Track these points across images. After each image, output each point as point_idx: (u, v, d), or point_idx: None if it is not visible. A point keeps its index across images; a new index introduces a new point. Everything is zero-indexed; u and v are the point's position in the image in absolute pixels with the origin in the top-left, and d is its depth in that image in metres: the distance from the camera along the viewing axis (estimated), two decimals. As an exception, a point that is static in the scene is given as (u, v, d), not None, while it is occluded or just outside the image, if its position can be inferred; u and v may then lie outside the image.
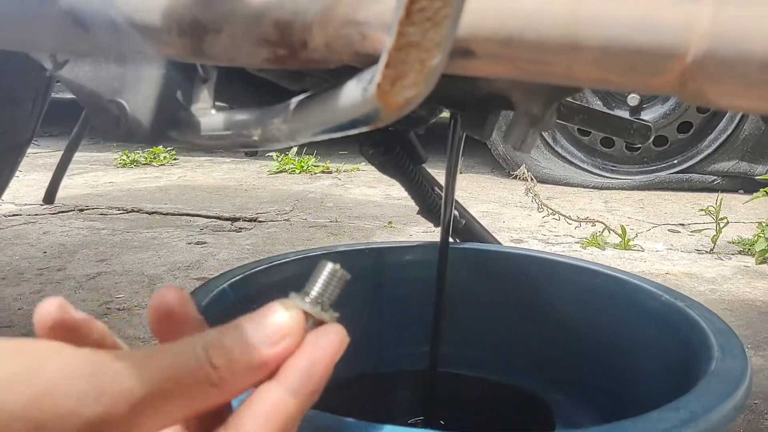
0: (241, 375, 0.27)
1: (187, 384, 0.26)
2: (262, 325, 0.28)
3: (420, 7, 0.25)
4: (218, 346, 0.27)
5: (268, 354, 0.28)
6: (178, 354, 0.26)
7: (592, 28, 0.29)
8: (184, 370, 0.26)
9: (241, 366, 0.27)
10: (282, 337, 0.28)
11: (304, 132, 0.42)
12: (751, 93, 0.28)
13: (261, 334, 0.28)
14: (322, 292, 0.31)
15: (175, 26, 0.36)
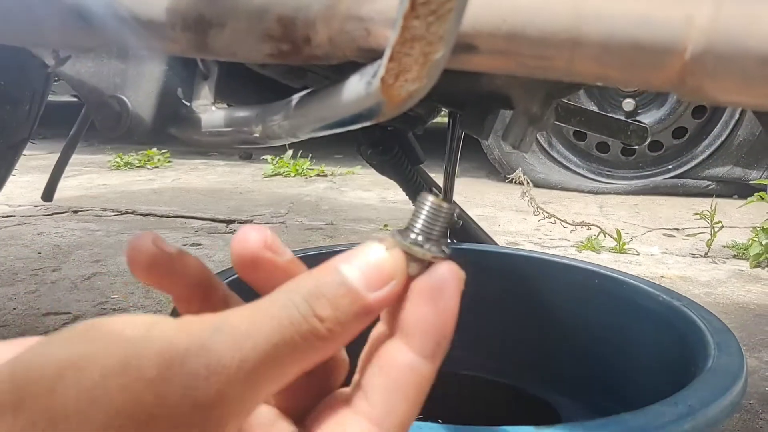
0: (348, 325, 0.25)
1: (296, 343, 0.24)
2: (363, 268, 0.25)
3: (424, 1, 0.26)
4: (320, 296, 0.24)
5: (374, 300, 0.25)
6: (280, 313, 0.24)
7: (593, 24, 0.30)
8: (290, 330, 0.24)
9: (348, 315, 0.25)
10: (386, 280, 0.26)
11: (305, 128, 0.42)
12: (750, 89, 0.28)
13: (364, 278, 0.25)
14: (427, 228, 0.28)
15: (179, 21, 0.37)
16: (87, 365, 0.22)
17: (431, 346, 0.25)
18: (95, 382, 0.21)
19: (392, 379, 0.25)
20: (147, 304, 1.21)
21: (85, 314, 1.16)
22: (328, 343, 0.24)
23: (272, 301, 0.24)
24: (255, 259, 0.27)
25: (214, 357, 0.22)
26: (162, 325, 0.23)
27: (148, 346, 0.22)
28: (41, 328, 1.10)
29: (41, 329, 1.10)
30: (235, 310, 0.24)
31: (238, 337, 0.23)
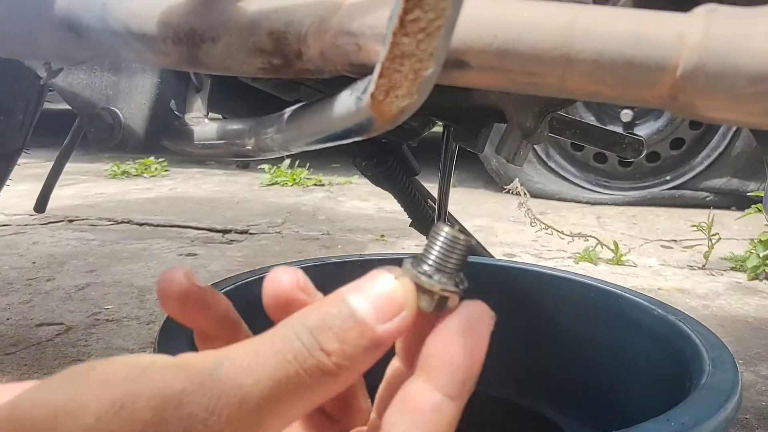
0: (357, 359, 0.23)
1: (301, 379, 0.23)
2: (371, 298, 0.24)
3: (414, 18, 0.26)
4: (326, 329, 0.23)
5: (384, 332, 0.24)
6: (284, 346, 0.23)
7: (585, 41, 0.29)
8: (294, 365, 0.23)
9: (357, 349, 0.23)
10: (396, 311, 0.25)
11: (297, 141, 0.42)
12: (740, 106, 0.28)
13: (373, 310, 0.24)
14: (441, 260, 0.26)
15: (171, 35, 0.36)
16: (81, 409, 0.21)
17: (458, 386, 0.24)
18: (89, 426, 0.21)
19: (416, 420, 0.24)
20: (140, 315, 1.21)
21: (79, 325, 1.16)
22: (336, 379, 0.23)
23: (276, 334, 0.23)
24: (288, 301, 0.26)
25: (214, 396, 0.21)
26: (160, 363, 0.22)
27: (143, 388, 0.21)
28: (34, 339, 1.09)
29: (34, 340, 1.09)
30: (238, 344, 0.23)
31: (240, 374, 0.22)
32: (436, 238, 0.26)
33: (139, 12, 0.37)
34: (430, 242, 0.27)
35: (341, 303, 0.24)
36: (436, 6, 0.25)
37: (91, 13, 0.39)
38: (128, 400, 0.21)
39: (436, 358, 0.24)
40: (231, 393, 0.21)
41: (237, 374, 0.22)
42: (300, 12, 0.34)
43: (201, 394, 0.21)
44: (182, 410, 0.21)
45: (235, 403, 0.21)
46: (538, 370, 0.75)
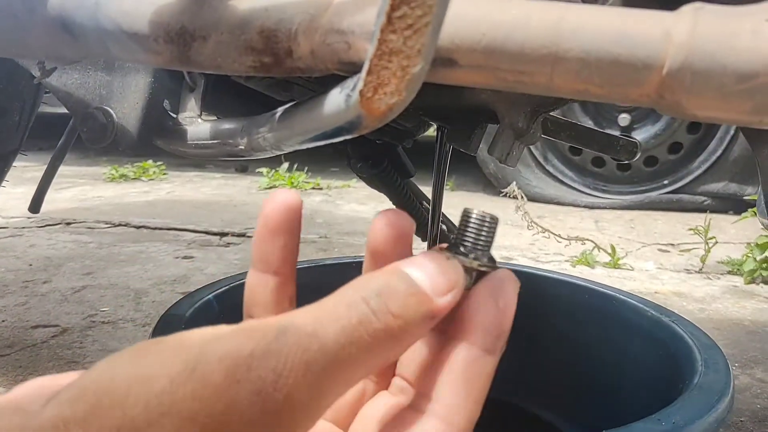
0: (417, 327, 0.24)
1: (365, 343, 0.23)
2: (430, 273, 0.26)
3: (401, 14, 0.26)
4: (393, 293, 0.24)
5: (441, 304, 0.25)
6: (348, 312, 0.23)
7: (572, 40, 0.30)
8: (359, 329, 0.23)
9: (416, 317, 0.24)
10: (451, 287, 0.26)
11: (289, 140, 0.42)
12: (727, 104, 0.28)
13: (431, 283, 0.25)
14: (475, 241, 0.29)
15: (162, 33, 0.37)
16: (155, 375, 0.21)
17: (492, 341, 0.26)
18: (164, 390, 0.21)
19: (458, 374, 0.26)
20: (136, 318, 1.21)
21: (74, 327, 1.15)
22: (399, 343, 0.24)
23: (339, 299, 0.24)
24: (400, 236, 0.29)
25: (281, 360, 0.22)
26: (227, 329, 0.23)
27: (214, 351, 0.22)
28: (29, 341, 1.09)
29: (29, 342, 1.09)
30: (301, 310, 0.24)
31: (304, 339, 0.22)
32: (468, 220, 0.29)
33: (131, 11, 0.37)
34: (462, 225, 0.29)
35: (402, 273, 0.26)
36: (424, 3, 0.26)
37: (83, 11, 0.39)
38: (200, 362, 0.21)
39: (472, 319, 0.26)
40: (297, 357, 0.22)
41: (303, 338, 0.22)
42: (290, 10, 0.34)
43: (269, 358, 0.22)
44: (252, 372, 0.21)
45: (302, 367, 0.22)
46: (533, 370, 0.75)
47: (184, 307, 0.57)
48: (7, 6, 0.40)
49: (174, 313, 0.57)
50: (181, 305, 0.58)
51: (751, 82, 0.28)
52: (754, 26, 0.28)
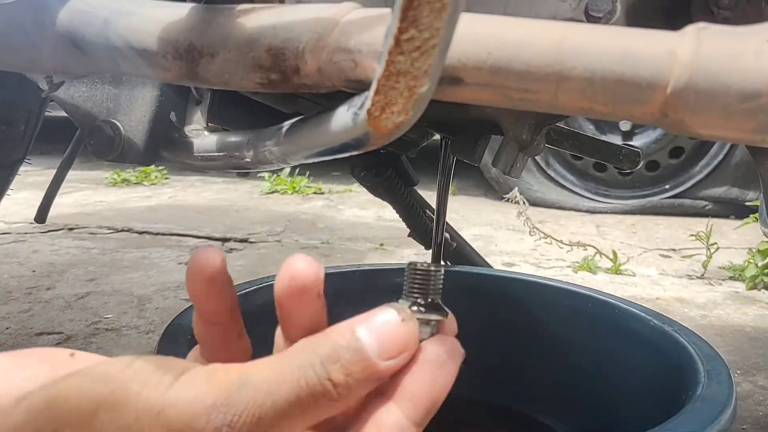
0: (357, 390, 0.27)
1: (308, 403, 0.26)
2: (379, 337, 0.27)
3: (409, 37, 0.26)
4: (335, 360, 0.26)
5: (385, 368, 0.27)
6: (299, 373, 0.26)
7: (577, 59, 0.30)
8: (305, 391, 0.25)
9: (359, 382, 0.26)
10: (400, 352, 0.27)
11: (295, 155, 0.42)
12: (731, 123, 0.29)
13: (379, 348, 0.27)
14: (426, 292, 0.30)
15: (171, 50, 0.37)
16: (122, 407, 0.24)
17: (422, 414, 0.28)
18: (128, 425, 0.24)
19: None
20: (140, 324, 1.21)
21: (78, 334, 1.16)
22: (336, 404, 0.26)
23: (291, 360, 0.26)
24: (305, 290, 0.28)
25: (237, 414, 0.24)
26: (193, 373, 0.26)
27: (179, 398, 0.24)
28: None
29: (34, 348, 1.09)
30: (257, 364, 0.26)
31: (260, 396, 0.25)
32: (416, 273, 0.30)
33: (140, 28, 0.38)
34: (411, 279, 0.30)
35: (351, 337, 0.27)
36: (431, 26, 0.26)
37: (92, 28, 0.39)
38: (166, 406, 0.24)
39: (407, 389, 0.28)
40: (252, 411, 0.25)
41: (258, 395, 0.25)
42: (298, 29, 0.34)
43: (226, 411, 0.24)
44: (210, 423, 0.24)
45: (255, 421, 0.25)
46: (536, 379, 0.75)
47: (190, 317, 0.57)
48: (18, 22, 0.40)
49: (179, 322, 0.57)
50: (186, 315, 0.58)
51: (754, 101, 0.28)
52: (757, 47, 0.28)
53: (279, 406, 0.25)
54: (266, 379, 0.25)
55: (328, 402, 0.26)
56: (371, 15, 0.34)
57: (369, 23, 0.34)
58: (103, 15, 0.39)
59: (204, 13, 0.37)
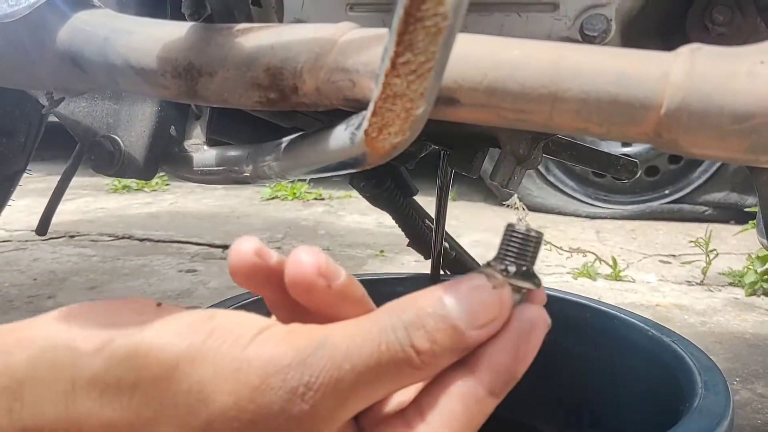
0: (443, 359, 0.25)
1: (390, 369, 0.25)
2: (468, 304, 0.26)
3: (405, 61, 0.27)
4: (419, 327, 0.25)
5: (474, 338, 0.26)
6: (379, 337, 0.25)
7: (572, 80, 0.30)
8: (386, 356, 0.24)
9: (445, 351, 0.25)
10: (490, 321, 0.26)
11: (294, 171, 0.43)
12: (724, 144, 0.29)
13: (468, 316, 0.25)
14: (522, 258, 0.28)
15: (170, 69, 0.37)
16: (201, 362, 0.24)
17: (501, 386, 0.26)
18: (207, 379, 0.24)
19: (455, 405, 0.26)
20: (141, 332, 1.21)
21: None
22: (420, 372, 0.25)
23: (373, 323, 0.25)
24: (308, 287, 0.27)
25: (314, 375, 0.24)
26: (272, 331, 0.25)
27: (257, 355, 0.24)
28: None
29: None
30: (338, 326, 0.26)
31: (338, 357, 0.24)
32: (512, 236, 0.28)
33: (140, 47, 0.38)
34: (506, 241, 0.29)
35: (437, 303, 0.26)
36: (426, 49, 0.26)
37: (92, 46, 0.40)
38: (244, 363, 0.24)
39: (487, 360, 0.26)
40: (329, 373, 0.24)
41: (336, 356, 0.24)
42: (296, 48, 0.35)
43: (303, 371, 0.24)
44: (286, 383, 0.24)
45: (332, 383, 0.24)
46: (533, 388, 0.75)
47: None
48: (18, 40, 0.41)
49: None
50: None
51: (747, 122, 0.28)
52: (750, 68, 0.29)
53: (358, 370, 0.24)
54: (345, 341, 0.25)
55: (410, 370, 0.25)
56: (369, 35, 0.35)
57: (366, 43, 0.34)
58: (102, 33, 0.39)
59: (203, 32, 0.38)
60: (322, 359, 0.24)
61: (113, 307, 0.27)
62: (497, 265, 0.28)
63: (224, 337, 0.25)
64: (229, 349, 0.24)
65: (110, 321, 0.26)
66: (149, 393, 0.24)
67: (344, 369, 0.24)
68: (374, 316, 0.26)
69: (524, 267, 0.28)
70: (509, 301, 0.27)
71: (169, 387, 0.24)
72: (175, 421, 0.24)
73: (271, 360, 0.24)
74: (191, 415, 0.24)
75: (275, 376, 0.24)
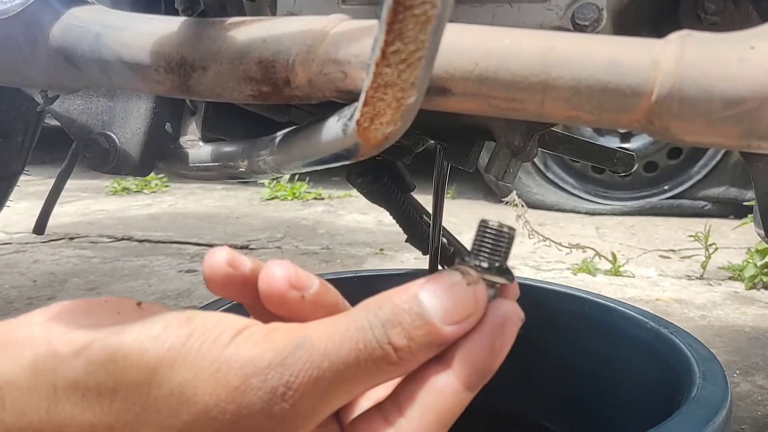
0: (420, 355, 0.26)
1: (368, 366, 0.25)
2: (443, 301, 0.26)
3: (395, 50, 0.27)
4: (396, 324, 0.25)
5: (450, 334, 0.26)
6: (357, 335, 0.25)
7: (563, 68, 0.30)
8: (364, 354, 0.25)
9: (421, 347, 0.26)
10: (466, 317, 0.26)
11: (288, 164, 0.43)
12: (715, 130, 0.29)
13: (443, 312, 0.26)
14: (495, 254, 0.28)
15: (163, 64, 0.37)
16: (181, 364, 0.24)
17: (477, 380, 0.27)
18: (187, 381, 0.24)
19: (432, 399, 0.26)
20: (141, 332, 1.21)
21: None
22: (397, 368, 0.26)
23: (350, 321, 0.26)
24: (282, 299, 0.28)
25: (293, 375, 0.24)
26: (251, 331, 0.26)
27: (237, 356, 0.24)
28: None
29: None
30: (316, 325, 0.26)
31: (317, 357, 0.25)
32: (485, 232, 0.29)
33: (132, 42, 0.38)
34: (479, 236, 0.29)
35: (413, 300, 0.26)
36: (416, 38, 0.26)
37: (84, 43, 0.40)
38: (224, 364, 0.24)
39: (465, 352, 0.27)
40: (309, 373, 0.24)
41: (315, 356, 0.25)
42: (287, 41, 0.35)
43: (283, 372, 0.24)
44: (266, 383, 0.24)
45: (312, 382, 0.24)
46: (533, 381, 0.75)
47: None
48: (11, 38, 0.41)
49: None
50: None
51: (738, 108, 0.28)
52: (740, 53, 0.29)
53: (336, 368, 0.25)
54: (324, 340, 0.25)
55: (388, 366, 0.25)
56: (360, 26, 0.35)
57: (358, 34, 0.34)
58: (95, 30, 0.40)
59: (195, 27, 0.38)
60: (301, 359, 0.24)
61: (93, 308, 0.28)
62: (471, 260, 0.28)
63: (203, 338, 0.25)
64: (208, 351, 0.24)
65: (90, 322, 0.26)
66: (129, 397, 0.24)
67: (323, 368, 0.24)
68: (352, 314, 0.26)
69: (497, 263, 0.28)
70: (484, 298, 0.27)
71: (149, 391, 0.24)
72: (156, 424, 0.24)
73: (250, 361, 0.24)
74: (172, 417, 0.24)
75: (255, 377, 0.24)
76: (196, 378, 0.24)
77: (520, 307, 0.29)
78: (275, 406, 0.24)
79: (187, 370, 0.24)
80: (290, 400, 0.24)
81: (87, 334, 0.25)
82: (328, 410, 0.26)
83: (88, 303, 0.28)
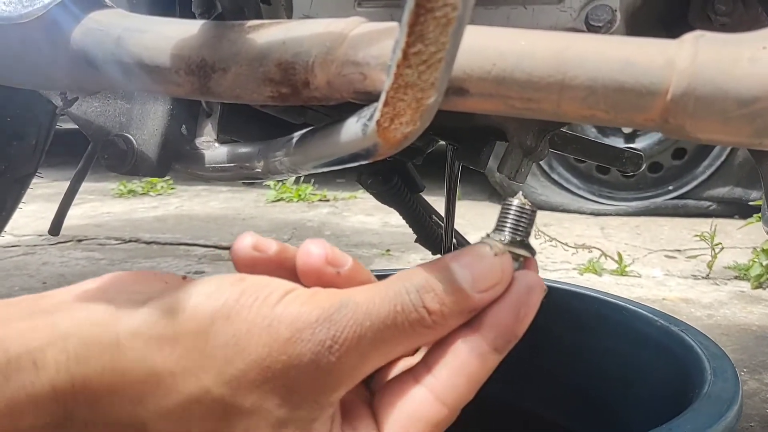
0: (451, 319, 0.28)
1: (404, 328, 0.27)
2: (473, 270, 0.29)
3: (416, 51, 0.27)
4: (429, 290, 0.28)
5: (479, 301, 0.28)
6: (395, 299, 0.27)
7: (579, 68, 0.31)
8: (401, 316, 0.27)
9: (453, 312, 0.28)
10: (493, 285, 0.29)
11: (305, 165, 0.43)
12: (729, 128, 0.29)
13: (472, 280, 0.28)
14: (517, 229, 0.31)
15: (183, 66, 0.38)
16: (235, 318, 0.26)
17: (503, 343, 0.29)
18: (242, 333, 0.26)
19: (461, 360, 0.28)
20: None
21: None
22: (432, 332, 0.28)
23: (388, 287, 0.28)
24: (318, 274, 0.30)
25: (339, 330, 0.26)
26: (297, 293, 0.28)
27: (286, 312, 0.27)
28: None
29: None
30: (356, 290, 0.28)
31: (360, 315, 0.27)
32: (509, 209, 0.32)
33: (153, 45, 0.39)
34: (505, 214, 0.32)
35: (445, 269, 0.28)
36: (437, 40, 0.27)
37: (105, 46, 0.40)
38: (275, 319, 0.26)
39: (492, 320, 0.29)
40: (353, 329, 0.26)
41: (358, 315, 0.27)
42: (307, 43, 0.35)
43: (329, 327, 0.26)
44: (315, 335, 0.26)
45: (355, 339, 0.26)
46: (544, 379, 0.75)
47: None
48: (33, 41, 0.42)
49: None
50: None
51: (751, 107, 0.29)
52: (753, 53, 0.29)
53: (377, 327, 0.27)
54: (366, 301, 0.27)
55: (422, 329, 0.27)
56: (378, 28, 0.35)
57: (376, 36, 0.35)
58: (115, 33, 0.40)
59: (215, 29, 0.39)
60: (345, 316, 0.26)
61: (143, 277, 0.30)
62: (496, 236, 0.31)
63: (255, 296, 0.27)
64: (260, 308, 0.26)
65: (143, 288, 0.28)
66: (189, 345, 0.26)
67: (365, 326, 0.26)
68: (388, 281, 0.28)
69: (520, 237, 0.31)
70: (510, 268, 0.30)
71: (207, 340, 0.26)
72: (214, 371, 0.26)
73: (299, 317, 0.26)
74: (228, 364, 0.26)
75: (305, 330, 0.26)
76: (250, 332, 0.26)
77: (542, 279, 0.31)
78: (323, 358, 0.26)
79: (241, 323, 0.26)
80: (336, 353, 0.26)
81: (143, 293, 0.28)
82: (367, 369, 0.27)
83: (137, 273, 0.30)
